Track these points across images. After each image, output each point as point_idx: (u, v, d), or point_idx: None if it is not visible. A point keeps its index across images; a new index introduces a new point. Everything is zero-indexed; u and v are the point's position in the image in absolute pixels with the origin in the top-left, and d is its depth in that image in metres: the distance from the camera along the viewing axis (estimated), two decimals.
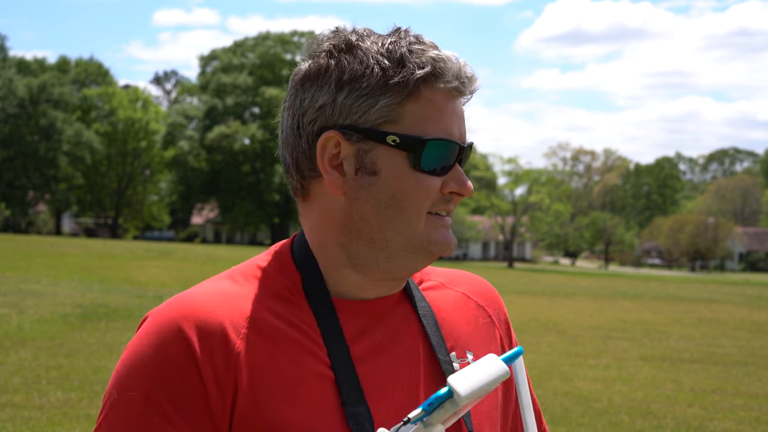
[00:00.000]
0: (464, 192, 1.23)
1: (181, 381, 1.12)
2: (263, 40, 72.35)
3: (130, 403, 1.12)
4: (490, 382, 1.00)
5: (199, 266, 31.16)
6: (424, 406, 0.98)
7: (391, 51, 1.20)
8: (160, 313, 1.17)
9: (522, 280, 36.23)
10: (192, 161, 68.77)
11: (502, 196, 66.64)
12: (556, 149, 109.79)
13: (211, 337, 1.13)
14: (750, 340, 16.10)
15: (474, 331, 1.34)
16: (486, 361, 1.03)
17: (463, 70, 1.23)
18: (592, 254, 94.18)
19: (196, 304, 1.16)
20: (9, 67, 67.02)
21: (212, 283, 1.23)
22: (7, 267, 23.55)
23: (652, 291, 32.28)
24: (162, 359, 1.13)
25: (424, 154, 1.19)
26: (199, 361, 1.12)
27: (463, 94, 1.23)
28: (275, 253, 1.28)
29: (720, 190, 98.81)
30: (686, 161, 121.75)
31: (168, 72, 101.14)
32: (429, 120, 1.19)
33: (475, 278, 1.43)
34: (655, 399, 9.68)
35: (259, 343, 1.16)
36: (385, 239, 1.21)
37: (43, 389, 8.27)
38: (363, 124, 1.19)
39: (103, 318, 13.98)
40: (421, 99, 1.19)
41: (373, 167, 1.20)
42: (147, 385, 1.12)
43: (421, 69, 1.19)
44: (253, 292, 1.21)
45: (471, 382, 0.99)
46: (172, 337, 1.13)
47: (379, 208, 1.20)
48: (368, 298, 1.26)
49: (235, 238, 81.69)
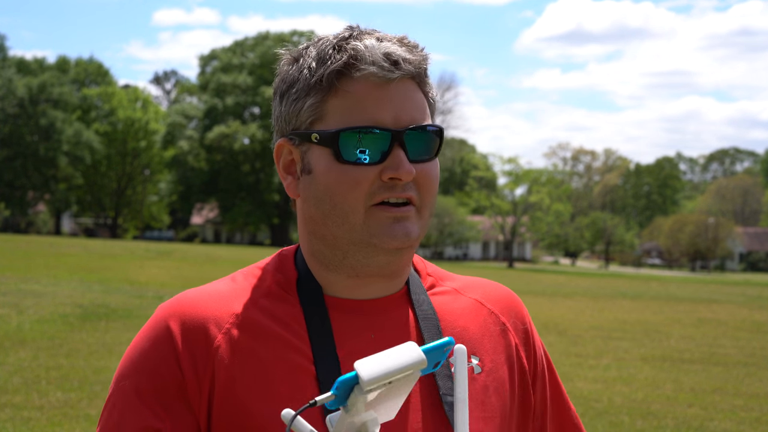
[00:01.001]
0: (401, 176, 1.20)
1: (164, 371, 1.20)
2: (263, 39, 72.36)
3: (123, 390, 1.22)
4: (400, 368, 0.98)
5: (198, 266, 31.15)
6: (333, 390, 0.97)
7: (320, 51, 1.24)
8: (158, 310, 1.27)
9: (522, 280, 36.22)
10: (192, 161, 68.76)
11: (502, 196, 66.64)
12: (556, 149, 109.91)
13: (193, 332, 1.21)
14: (750, 341, 16.09)
15: (482, 338, 1.32)
16: (403, 347, 1.00)
17: (389, 53, 1.21)
18: (593, 254, 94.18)
19: (187, 302, 1.25)
20: (9, 67, 67.02)
21: (214, 283, 1.30)
22: (6, 267, 23.54)
23: (652, 291, 32.28)
24: (151, 352, 1.22)
25: (341, 146, 1.20)
26: (180, 354, 1.20)
27: (391, 78, 1.21)
28: (279, 253, 1.33)
29: (720, 190, 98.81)
30: (686, 161, 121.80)
31: (168, 72, 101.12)
32: (351, 111, 1.21)
33: (493, 286, 1.41)
34: (655, 399, 9.67)
35: (241, 338, 1.21)
36: (332, 235, 1.24)
37: (42, 389, 8.27)
38: (299, 128, 1.25)
39: (102, 318, 13.98)
40: (339, 92, 1.21)
41: (309, 167, 1.25)
42: (136, 375, 1.22)
43: (334, 63, 1.21)
44: (246, 291, 1.27)
45: (377, 366, 0.97)
46: (160, 331, 1.23)
47: (318, 204, 1.24)
48: (363, 299, 1.28)
49: (234, 238, 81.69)
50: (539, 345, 1.41)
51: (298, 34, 73.04)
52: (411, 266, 1.34)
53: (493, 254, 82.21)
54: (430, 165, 1.25)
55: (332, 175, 1.22)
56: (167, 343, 1.22)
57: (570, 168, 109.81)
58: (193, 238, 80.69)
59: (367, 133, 1.20)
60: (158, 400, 1.20)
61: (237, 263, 34.32)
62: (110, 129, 72.48)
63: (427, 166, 1.24)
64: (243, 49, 72.42)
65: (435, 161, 1.26)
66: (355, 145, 1.21)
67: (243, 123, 68.52)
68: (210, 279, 19.59)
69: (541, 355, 1.41)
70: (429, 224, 1.28)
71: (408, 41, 1.26)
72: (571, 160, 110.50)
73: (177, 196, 72.36)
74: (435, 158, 1.26)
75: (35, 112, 65.07)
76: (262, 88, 68.44)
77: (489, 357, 1.31)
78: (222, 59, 71.55)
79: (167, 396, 1.20)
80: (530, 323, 1.40)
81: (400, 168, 1.20)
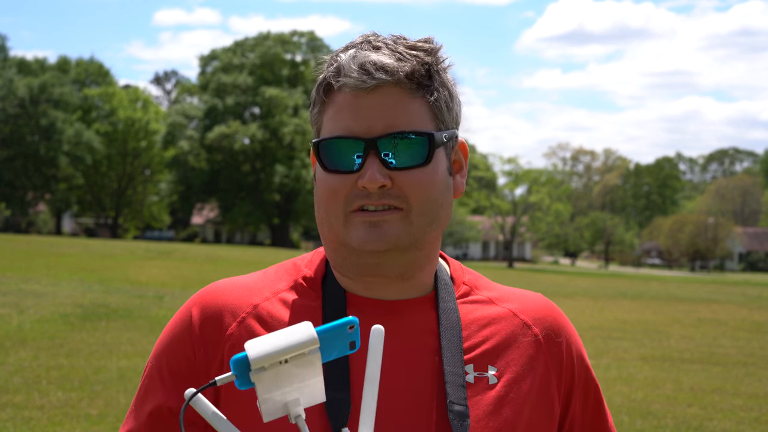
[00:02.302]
0: (366, 185, 1.22)
1: (180, 355, 1.30)
2: (263, 40, 72.28)
3: (150, 369, 1.33)
4: (289, 346, 1.00)
5: (198, 266, 31.14)
6: (232, 369, 1.01)
7: (324, 63, 1.30)
8: (190, 298, 1.36)
9: (522, 280, 36.21)
10: (192, 161, 68.70)
11: (502, 196, 66.62)
12: (556, 149, 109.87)
13: (210, 320, 1.29)
14: (750, 341, 16.10)
15: (507, 348, 1.32)
16: (296, 326, 1.03)
17: (364, 62, 1.23)
18: (592, 254, 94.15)
19: (212, 291, 1.33)
20: (9, 67, 66.95)
21: (249, 274, 1.38)
22: (7, 267, 23.54)
23: (652, 291, 32.27)
24: (173, 336, 1.33)
25: (322, 156, 1.26)
26: (195, 339, 1.29)
27: (363, 87, 1.23)
28: (316, 251, 1.39)
29: (720, 190, 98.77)
30: (686, 161, 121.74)
31: (168, 72, 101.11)
32: (334, 121, 1.26)
33: (532, 297, 1.41)
34: (655, 399, 9.68)
35: (254, 328, 1.28)
36: (327, 238, 1.30)
37: (43, 389, 8.28)
38: (314, 137, 1.32)
39: (103, 318, 13.99)
40: (328, 103, 1.27)
41: (315, 174, 1.32)
42: (159, 357, 1.33)
43: (325, 76, 1.27)
44: (273, 284, 1.34)
45: (265, 345, 1.00)
46: (184, 317, 1.32)
47: (317, 210, 1.31)
48: (385, 299, 1.30)
49: (235, 238, 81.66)
50: (578, 359, 1.39)
51: (299, 34, 73.02)
52: (432, 270, 1.34)
53: (493, 254, 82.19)
54: (417, 171, 1.25)
55: (321, 183, 1.28)
56: (187, 328, 1.31)
57: (570, 168, 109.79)
58: (193, 238, 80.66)
59: (342, 142, 1.24)
60: (174, 381, 1.29)
61: (237, 263, 34.32)
62: (111, 129, 72.41)
63: (413, 172, 1.24)
64: (243, 50, 72.34)
65: (428, 167, 1.26)
66: (333, 154, 1.25)
67: (243, 123, 68.45)
68: (210, 279, 19.55)
69: (580, 369, 1.39)
70: (428, 228, 1.28)
71: (410, 47, 1.27)
72: (570, 160, 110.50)
73: (177, 196, 72.29)
74: (426, 164, 1.25)
75: (36, 113, 65.03)
76: (262, 88, 68.40)
77: (511, 368, 1.30)
78: (222, 59, 71.48)
79: (182, 378, 1.29)
80: (569, 336, 1.39)
81: (365, 176, 1.22)
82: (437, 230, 1.30)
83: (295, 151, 66.45)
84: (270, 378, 1.01)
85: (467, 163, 1.36)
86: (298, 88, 70.86)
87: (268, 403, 1.03)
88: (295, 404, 1.05)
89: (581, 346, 1.42)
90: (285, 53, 71.93)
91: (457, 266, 1.41)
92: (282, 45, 72.01)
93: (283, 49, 71.77)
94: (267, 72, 70.75)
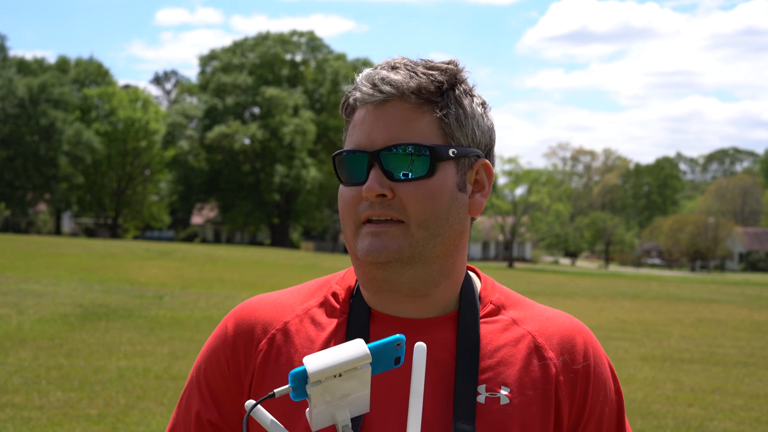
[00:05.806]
0: (365, 194, 1.26)
1: (215, 367, 1.37)
2: (263, 39, 72.31)
3: (190, 380, 1.41)
4: (344, 361, 1.07)
5: (198, 266, 31.15)
6: (289, 383, 1.08)
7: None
8: (228, 312, 1.44)
9: (522, 280, 36.22)
10: (192, 161, 68.72)
11: (502, 196, 66.59)
12: (556, 149, 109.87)
13: (243, 335, 1.36)
14: (750, 340, 16.10)
15: (521, 370, 1.31)
16: (350, 343, 1.09)
17: (372, 76, 1.28)
18: (592, 254, 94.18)
19: (248, 307, 1.40)
20: (9, 67, 66.98)
21: (285, 290, 1.43)
22: (7, 267, 23.55)
23: (652, 291, 32.27)
24: (211, 349, 1.40)
25: (338, 169, 1.31)
26: (229, 353, 1.36)
27: (370, 101, 1.28)
28: (351, 268, 1.42)
29: (720, 190, 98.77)
30: (686, 161, 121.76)
31: (168, 72, 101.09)
32: (349, 137, 1.32)
33: (558, 320, 1.38)
34: (655, 399, 9.68)
35: (283, 344, 1.34)
36: (350, 252, 1.32)
37: (43, 389, 8.28)
38: None
39: (103, 318, 13.99)
40: (350, 122, 1.33)
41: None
42: (199, 368, 1.40)
43: (348, 94, 1.34)
44: (305, 300, 1.39)
45: (322, 360, 1.07)
46: (221, 331, 1.40)
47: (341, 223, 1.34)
48: (407, 317, 1.32)
49: (235, 238, 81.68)
50: (602, 385, 1.36)
51: (299, 34, 73.04)
52: (452, 287, 1.33)
53: (493, 254, 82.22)
54: (418, 183, 1.26)
55: (340, 196, 1.33)
56: (222, 342, 1.38)
57: (570, 168, 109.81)
58: (193, 238, 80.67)
59: (349, 155, 1.29)
60: (210, 391, 1.37)
61: (237, 263, 34.34)
62: (110, 129, 72.43)
63: (414, 184, 1.25)
64: (243, 50, 72.37)
65: (431, 180, 1.26)
66: (345, 168, 1.30)
67: (243, 123, 68.45)
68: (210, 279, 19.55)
69: (603, 396, 1.37)
70: (432, 242, 1.27)
71: (428, 68, 1.29)
72: (570, 160, 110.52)
73: (177, 196, 72.32)
74: (428, 177, 1.26)
75: (35, 112, 65.05)
76: (262, 88, 68.41)
77: (523, 391, 1.30)
78: (222, 59, 71.49)
79: (217, 389, 1.36)
80: (594, 361, 1.36)
81: (365, 186, 1.26)
82: (446, 245, 1.29)
83: (295, 151, 66.40)
84: (323, 390, 1.08)
85: (491, 184, 1.35)
86: (298, 88, 70.81)
87: (319, 413, 1.10)
88: (343, 414, 1.11)
89: (607, 375, 1.38)
90: (285, 53, 71.94)
91: (489, 284, 1.40)
92: (282, 45, 72.03)
93: (283, 49, 71.79)
94: (267, 72, 70.77)
